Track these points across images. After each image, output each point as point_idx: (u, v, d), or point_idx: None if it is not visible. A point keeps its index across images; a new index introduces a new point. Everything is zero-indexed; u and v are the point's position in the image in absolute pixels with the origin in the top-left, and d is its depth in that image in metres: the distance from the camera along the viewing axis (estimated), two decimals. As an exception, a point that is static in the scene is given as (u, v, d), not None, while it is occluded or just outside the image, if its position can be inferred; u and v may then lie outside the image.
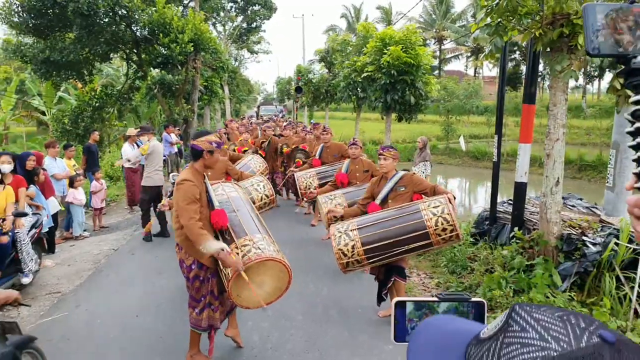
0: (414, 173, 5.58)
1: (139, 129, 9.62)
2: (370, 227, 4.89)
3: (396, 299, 1.15)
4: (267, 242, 4.13)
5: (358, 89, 15.55)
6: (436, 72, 48.73)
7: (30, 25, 15.71)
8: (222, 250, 3.79)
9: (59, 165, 9.28)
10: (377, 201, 5.28)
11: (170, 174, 11.83)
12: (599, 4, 0.90)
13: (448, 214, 4.72)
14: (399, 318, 1.13)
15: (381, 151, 5.42)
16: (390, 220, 4.87)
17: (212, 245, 3.80)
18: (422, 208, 4.83)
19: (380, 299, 5.39)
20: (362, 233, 4.84)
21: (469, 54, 55.27)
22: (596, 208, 7.63)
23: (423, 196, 5.27)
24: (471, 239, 7.80)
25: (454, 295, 1.12)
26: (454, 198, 4.95)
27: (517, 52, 43.23)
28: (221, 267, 4.02)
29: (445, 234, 4.74)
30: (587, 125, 30.73)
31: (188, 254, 4.12)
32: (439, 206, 4.79)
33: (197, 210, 3.97)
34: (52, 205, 8.13)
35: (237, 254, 3.89)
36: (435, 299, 1.13)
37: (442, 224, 4.71)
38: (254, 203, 6.40)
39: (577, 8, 5.21)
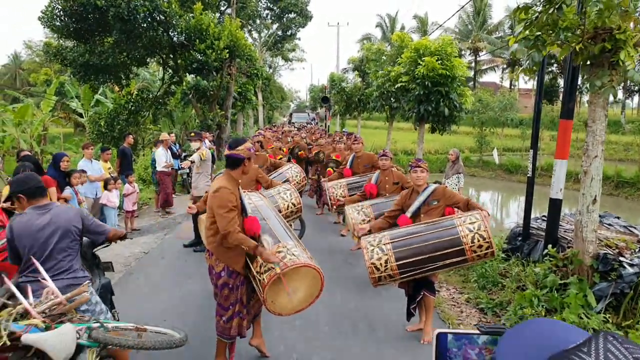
0: (446, 186, 5.51)
1: (193, 134, 9.44)
2: (404, 241, 4.81)
3: (437, 330, 1.14)
4: (300, 249, 4.13)
5: (391, 99, 15.48)
6: (471, 83, 48.34)
7: (71, 29, 16.09)
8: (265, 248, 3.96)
9: (94, 167, 9.42)
10: (408, 214, 5.22)
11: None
12: None
13: (484, 230, 4.65)
14: (441, 349, 1.12)
15: (418, 163, 5.37)
16: (424, 235, 4.80)
17: (264, 247, 3.98)
18: (458, 224, 4.76)
19: (409, 314, 5.32)
20: (396, 248, 4.77)
21: (504, 66, 54.71)
22: (634, 228, 7.41)
23: (456, 210, 5.20)
24: (503, 255, 7.65)
25: (494, 327, 1.10)
26: (488, 215, 4.88)
27: (554, 65, 42.56)
28: (254, 273, 4.02)
29: (481, 251, 4.67)
30: (626, 140, 30.03)
31: (219, 260, 4.13)
32: (475, 222, 4.72)
33: (236, 217, 4.00)
34: None
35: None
36: (477, 331, 1.11)
37: (479, 240, 4.64)
38: (279, 211, 6.42)
39: (619, 23, 5.09)
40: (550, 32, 5.40)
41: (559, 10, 5.07)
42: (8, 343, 2.80)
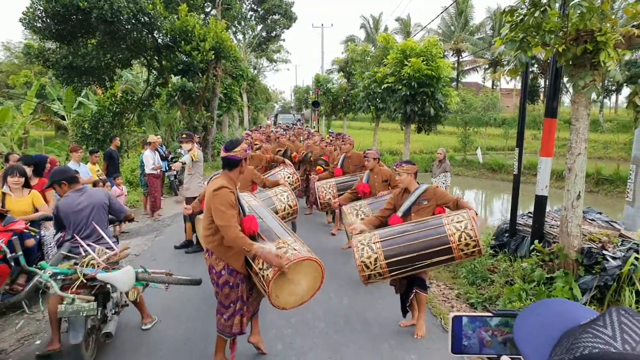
0: (437, 186, 5.62)
1: (184, 135, 8.97)
2: (393, 240, 4.89)
3: (453, 313, 1.24)
4: (299, 244, 4.20)
5: (377, 100, 15.63)
6: (454, 84, 48.74)
7: (54, 30, 15.91)
8: (269, 250, 3.90)
9: (82, 171, 9.40)
10: (399, 214, 5.31)
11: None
12: None
13: (471, 229, 4.74)
14: (456, 331, 1.23)
15: (395, 168, 5.51)
16: (413, 234, 4.88)
17: (262, 246, 3.93)
18: (445, 223, 4.85)
19: (404, 311, 5.44)
20: (385, 246, 4.85)
21: (486, 66, 55.19)
22: (616, 222, 7.63)
23: (446, 209, 5.32)
24: (491, 251, 7.82)
25: (507, 311, 1.22)
26: (476, 214, 4.99)
27: (535, 66, 43.04)
28: (256, 270, 4.07)
29: (468, 249, 4.77)
30: (605, 139, 30.61)
31: (219, 259, 4.19)
32: (462, 221, 4.82)
33: (236, 215, 4.06)
34: None
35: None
36: (490, 314, 1.23)
37: (465, 239, 4.73)
38: (277, 213, 6.50)
39: (600, 25, 5.27)
40: (535, 34, 5.57)
41: (543, 13, 5.23)
42: (84, 281, 4.13)
